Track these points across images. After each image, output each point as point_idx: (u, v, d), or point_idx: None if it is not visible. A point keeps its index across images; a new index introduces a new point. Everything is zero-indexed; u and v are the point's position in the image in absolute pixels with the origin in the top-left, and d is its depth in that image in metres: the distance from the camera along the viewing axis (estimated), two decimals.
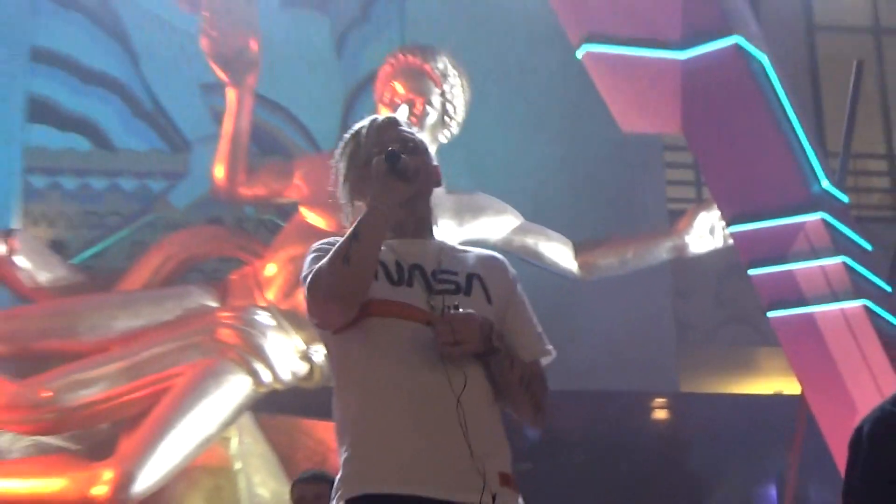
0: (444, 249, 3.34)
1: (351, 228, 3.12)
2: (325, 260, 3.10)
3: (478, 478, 2.89)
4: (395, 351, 3.07)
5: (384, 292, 3.12)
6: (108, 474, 8.22)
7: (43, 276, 9.14)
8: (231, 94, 9.33)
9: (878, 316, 8.31)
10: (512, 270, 3.36)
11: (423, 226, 3.36)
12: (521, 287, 3.34)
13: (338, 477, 3.09)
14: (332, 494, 3.06)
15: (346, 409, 3.17)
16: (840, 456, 8.16)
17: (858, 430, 4.37)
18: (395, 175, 3.11)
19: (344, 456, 3.10)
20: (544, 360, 3.32)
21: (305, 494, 6.22)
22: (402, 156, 3.14)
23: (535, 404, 3.20)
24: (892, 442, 4.26)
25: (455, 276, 3.21)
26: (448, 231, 8.72)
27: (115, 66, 12.44)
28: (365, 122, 3.47)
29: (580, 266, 9.09)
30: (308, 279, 3.14)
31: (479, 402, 3.05)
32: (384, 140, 3.27)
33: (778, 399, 10.14)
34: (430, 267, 3.20)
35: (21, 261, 9.00)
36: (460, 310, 3.02)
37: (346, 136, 3.47)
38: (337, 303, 3.11)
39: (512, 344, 3.16)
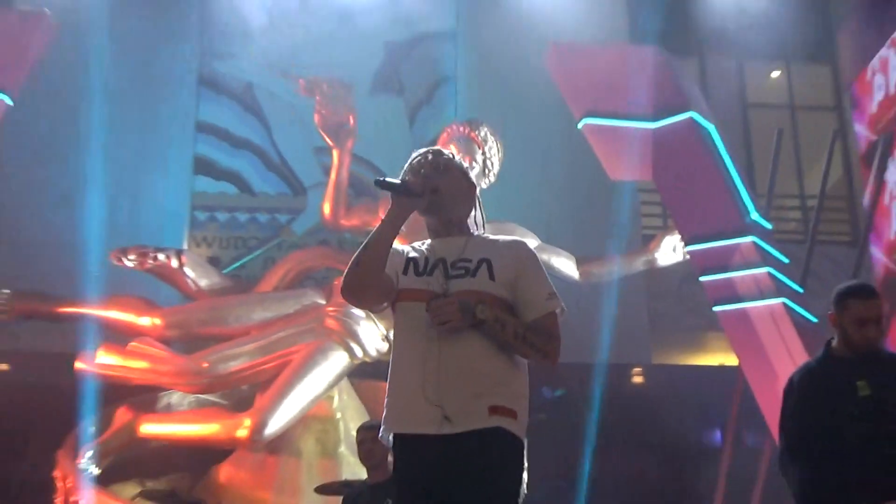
0: (472, 240, 3.26)
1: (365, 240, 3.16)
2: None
3: (461, 411, 2.95)
4: (410, 325, 3.12)
5: (410, 282, 3.16)
6: (247, 421, 8.29)
7: (203, 282, 9.18)
8: (335, 154, 9.42)
9: (794, 310, 8.34)
10: (525, 251, 3.24)
11: (451, 226, 3.28)
12: (534, 262, 3.23)
13: None
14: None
15: (390, 368, 3.19)
16: (766, 410, 8.25)
17: (790, 381, 4.48)
18: (403, 193, 3.12)
19: (386, 404, 3.17)
20: (558, 312, 3.23)
21: (365, 438, 5.91)
22: (398, 181, 3.17)
23: (538, 351, 3.12)
24: (812, 387, 4.38)
25: (469, 263, 3.13)
26: None
27: (254, 135, 12.47)
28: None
29: (581, 275, 9.14)
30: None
31: (471, 358, 3.02)
32: (407, 167, 3.30)
33: (722, 369, 10.14)
34: (452, 258, 3.15)
35: (188, 271, 9.07)
36: (448, 296, 3.03)
37: None
38: (352, 293, 3.19)
39: (519, 305, 3.14)
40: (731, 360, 9.20)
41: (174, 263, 8.95)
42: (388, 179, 3.15)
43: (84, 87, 11.75)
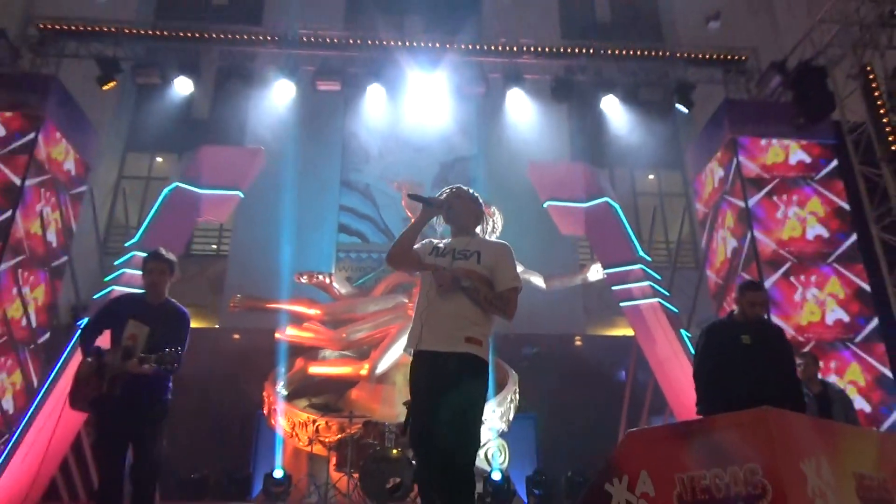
0: (474, 240, 3.10)
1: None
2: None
3: (448, 339, 2.81)
4: (427, 286, 2.97)
5: (430, 260, 3.01)
6: (367, 365, 8.32)
7: (343, 290, 9.24)
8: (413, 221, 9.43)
9: (664, 306, 8.20)
10: (504, 249, 3.03)
11: (462, 230, 3.12)
12: (509, 256, 3.02)
13: None
14: None
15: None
16: (651, 359, 8.06)
17: (700, 335, 4.15)
18: (427, 204, 3.06)
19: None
20: (516, 287, 3.00)
21: None
22: (427, 197, 3.09)
23: (499, 310, 2.95)
24: (717, 335, 4.08)
25: (468, 252, 3.00)
26: None
27: (370, 212, 12.53)
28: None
29: (547, 286, 9.03)
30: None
31: (456, 308, 2.88)
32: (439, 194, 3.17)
33: (625, 337, 9.88)
34: (460, 248, 3.02)
35: (335, 285, 9.13)
36: (444, 270, 2.91)
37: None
38: (392, 261, 3.05)
39: (495, 281, 2.98)
40: (629, 332, 8.99)
41: (327, 280, 9.06)
42: (419, 195, 3.11)
43: (280, 185, 11.94)
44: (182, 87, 9.43)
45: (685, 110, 9.70)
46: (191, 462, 8.30)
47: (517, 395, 8.54)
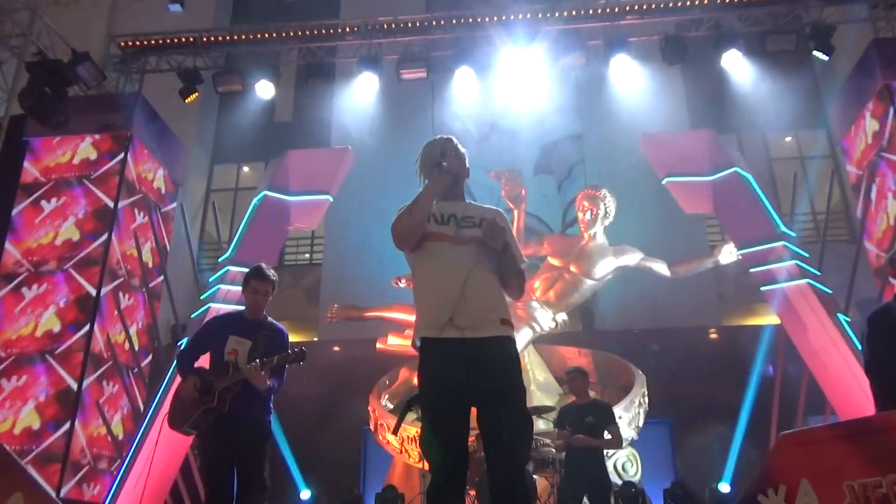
0: (466, 206, 2.93)
1: (414, 197, 2.83)
2: (400, 214, 2.84)
3: (487, 322, 2.63)
4: (437, 256, 2.78)
5: (434, 228, 2.80)
6: None
7: None
8: (515, 213, 9.28)
9: (815, 287, 7.80)
10: (504, 220, 2.87)
11: (456, 194, 2.95)
12: (510, 229, 2.85)
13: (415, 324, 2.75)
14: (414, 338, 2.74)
15: (419, 289, 2.81)
16: (802, 350, 7.69)
17: (867, 322, 3.87)
18: (443, 172, 2.86)
19: (417, 317, 2.77)
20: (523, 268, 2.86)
21: (574, 377, 5.90)
22: (444, 164, 2.89)
23: (519, 290, 2.84)
24: (883, 324, 3.80)
25: (473, 219, 2.82)
26: (611, 263, 8.56)
27: None
28: (431, 143, 3.08)
29: (671, 273, 8.67)
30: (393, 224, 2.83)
31: (486, 280, 2.74)
32: (440, 153, 2.96)
33: (769, 327, 9.39)
34: (459, 215, 2.85)
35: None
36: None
37: (421, 151, 3.07)
38: (402, 236, 2.80)
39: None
40: (775, 320, 8.56)
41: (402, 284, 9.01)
42: (444, 165, 2.89)
43: (370, 184, 12.24)
44: (264, 91, 9.85)
45: (825, 58, 9.09)
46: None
47: (646, 399, 8.30)
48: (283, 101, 13.61)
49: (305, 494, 9.00)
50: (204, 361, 4.11)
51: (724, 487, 8.22)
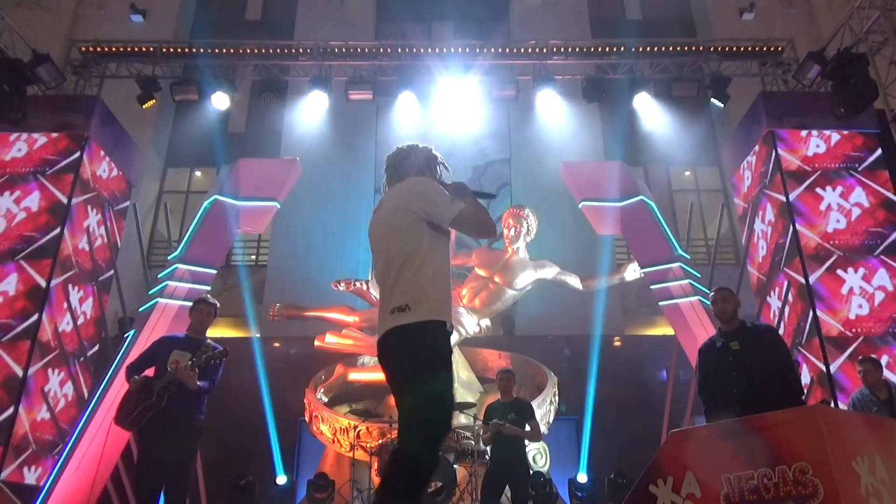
0: None
1: (475, 206, 2.64)
2: (477, 211, 2.64)
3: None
4: (447, 250, 2.69)
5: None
6: None
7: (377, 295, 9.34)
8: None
9: (706, 304, 8.07)
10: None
11: None
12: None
13: (433, 306, 2.46)
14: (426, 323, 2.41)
15: (436, 272, 2.55)
16: (692, 358, 7.90)
17: (699, 352, 4.41)
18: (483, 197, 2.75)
19: (434, 297, 2.49)
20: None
21: (502, 377, 5.96)
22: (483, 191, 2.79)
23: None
24: (703, 356, 4.29)
25: None
26: (531, 276, 8.70)
27: None
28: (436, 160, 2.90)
29: (583, 287, 8.85)
30: (465, 214, 2.58)
31: None
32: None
33: (665, 337, 9.72)
34: None
35: (371, 290, 9.12)
36: None
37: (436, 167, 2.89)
38: (491, 226, 2.71)
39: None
40: (669, 331, 8.85)
41: (364, 287, 9.05)
42: (479, 191, 2.78)
43: (316, 195, 12.11)
44: (219, 101, 9.61)
45: (720, 105, 9.51)
46: (236, 469, 8.43)
47: (556, 398, 8.46)
48: (237, 112, 13.34)
49: (282, 479, 8.82)
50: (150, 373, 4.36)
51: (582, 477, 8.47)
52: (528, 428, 5.73)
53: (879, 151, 8.41)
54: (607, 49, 9.66)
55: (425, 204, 2.60)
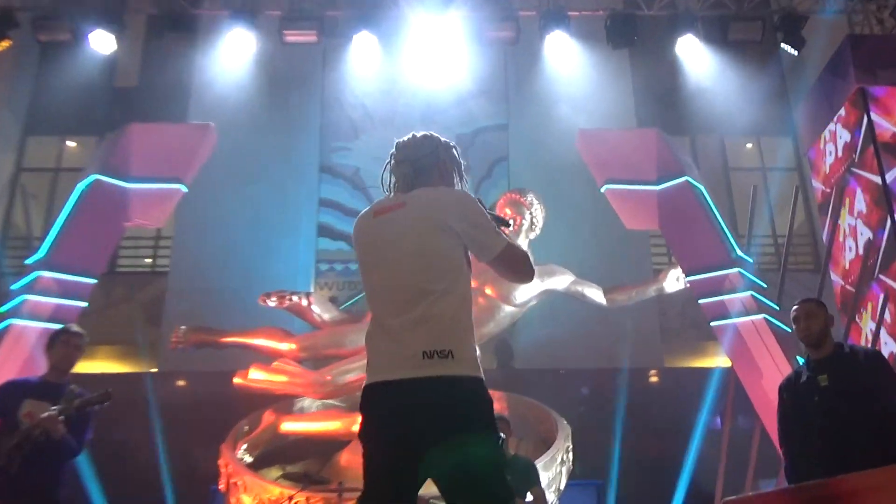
0: None
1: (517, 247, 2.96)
2: (520, 248, 2.98)
3: None
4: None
5: None
6: (360, 418, 8.38)
7: (326, 316, 9.28)
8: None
9: (773, 324, 8.17)
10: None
11: None
12: None
13: (475, 356, 2.71)
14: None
15: (470, 320, 2.80)
16: (755, 400, 8.05)
17: (779, 388, 4.45)
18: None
19: (477, 348, 2.78)
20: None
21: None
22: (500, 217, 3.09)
23: None
24: (784, 396, 4.34)
25: None
26: (536, 287, 8.73)
27: (362, 206, 12.55)
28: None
29: (607, 301, 8.89)
30: (512, 250, 2.87)
31: None
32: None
33: (719, 370, 9.82)
34: None
35: (315, 308, 9.16)
36: None
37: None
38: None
39: None
40: (724, 362, 8.94)
41: (304, 302, 9.06)
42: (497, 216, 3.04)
43: (238, 174, 12.06)
44: (100, 44, 9.51)
45: (794, 52, 9.61)
46: None
47: (570, 455, 8.47)
48: (127, 59, 13.22)
49: None
50: None
51: None
52: (529, 498, 5.73)
53: None
54: None
55: (471, 227, 2.82)
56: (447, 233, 2.79)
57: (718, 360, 10.07)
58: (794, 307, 4.61)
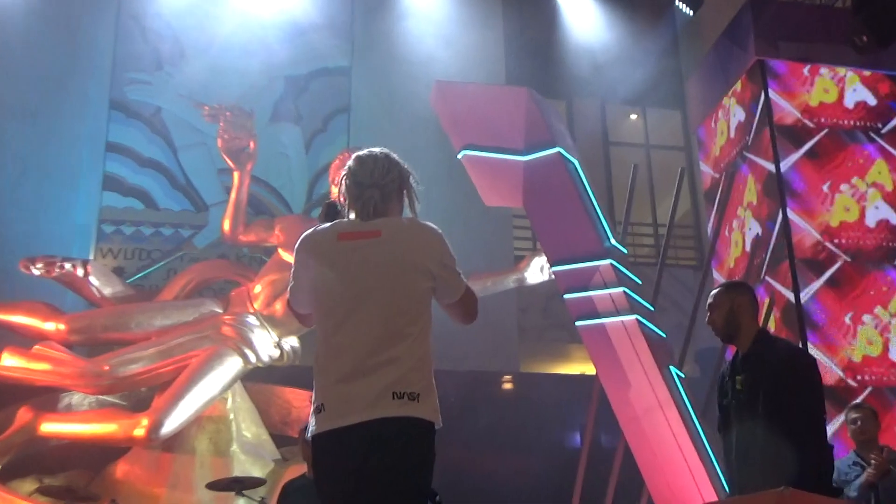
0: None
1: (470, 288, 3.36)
2: (476, 298, 3.42)
3: None
4: None
5: None
6: (144, 421, 8.27)
7: (107, 290, 9.22)
8: (236, 176, 9.49)
9: (645, 325, 8.38)
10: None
11: None
12: None
13: (435, 408, 3.05)
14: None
15: (431, 356, 3.19)
16: (620, 414, 8.26)
17: (807, 366, 4.37)
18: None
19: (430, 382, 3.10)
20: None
21: (307, 437, 5.98)
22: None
23: None
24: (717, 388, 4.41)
25: None
26: None
27: (161, 155, 12.30)
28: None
29: None
30: (471, 294, 3.36)
31: None
32: None
33: (582, 378, 10.13)
34: None
35: (93, 280, 9.08)
36: None
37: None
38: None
39: None
40: (589, 369, 9.18)
41: (80, 272, 9.02)
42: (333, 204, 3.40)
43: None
44: None
45: (689, 12, 9.95)
46: None
47: None
48: None
49: None
50: None
51: None
52: None
53: None
54: None
55: (444, 269, 3.23)
56: (425, 275, 3.16)
57: (584, 367, 10.41)
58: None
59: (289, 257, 8.77)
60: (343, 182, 3.33)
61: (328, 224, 3.28)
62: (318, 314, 3.16)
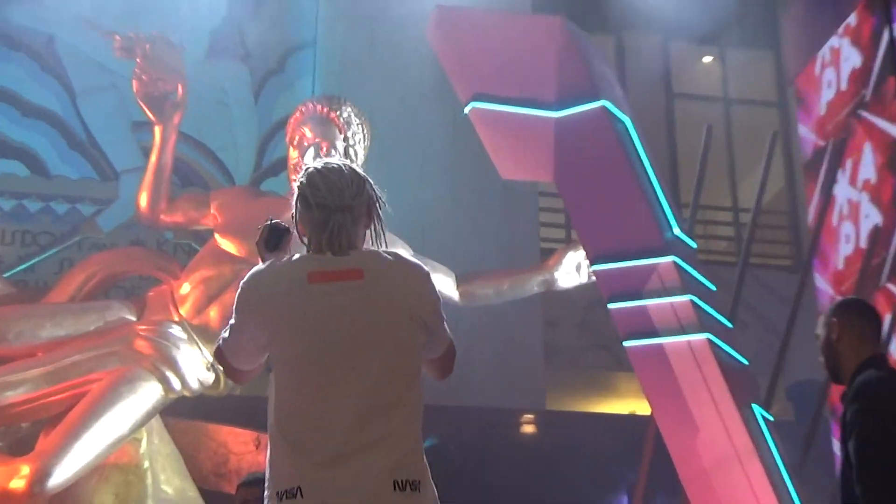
0: None
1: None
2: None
3: None
4: None
5: None
6: (25, 469, 8.17)
7: None
8: (157, 132, 9.31)
9: (720, 348, 8.40)
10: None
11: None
12: None
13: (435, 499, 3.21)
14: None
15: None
16: (682, 468, 8.30)
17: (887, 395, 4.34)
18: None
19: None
20: None
21: (249, 498, 6.14)
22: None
23: None
24: None
25: None
26: None
27: (53, 102, 12.30)
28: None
29: (461, 295, 9.04)
30: (453, 347, 3.50)
31: None
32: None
33: (632, 419, 10.16)
34: None
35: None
36: None
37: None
38: None
39: None
40: (643, 407, 9.18)
41: None
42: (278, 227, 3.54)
43: None
44: None
45: None
46: None
47: None
48: None
49: None
50: None
51: None
52: None
53: None
54: None
55: (438, 321, 3.37)
56: (420, 327, 3.28)
57: (632, 404, 10.40)
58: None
59: (230, 246, 8.76)
60: (297, 204, 3.36)
61: (286, 260, 3.30)
62: (283, 377, 3.16)
